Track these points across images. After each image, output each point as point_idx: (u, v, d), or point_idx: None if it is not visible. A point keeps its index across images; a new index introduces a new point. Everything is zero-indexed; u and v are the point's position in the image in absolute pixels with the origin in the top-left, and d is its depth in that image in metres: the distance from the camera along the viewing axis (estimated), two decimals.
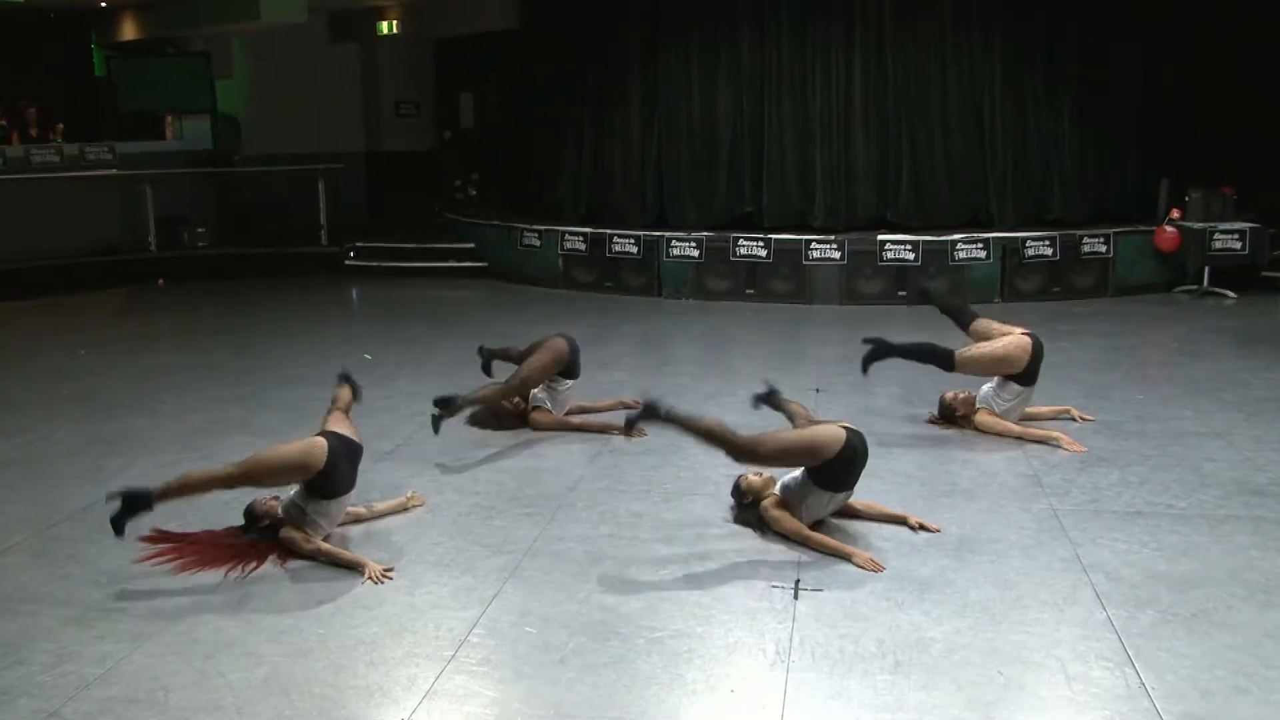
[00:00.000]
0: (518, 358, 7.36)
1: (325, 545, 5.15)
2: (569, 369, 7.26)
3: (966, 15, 12.35)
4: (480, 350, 7.72)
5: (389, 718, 3.83)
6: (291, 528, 5.14)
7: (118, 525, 4.97)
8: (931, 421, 7.24)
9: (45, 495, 6.11)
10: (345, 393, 5.94)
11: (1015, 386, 6.92)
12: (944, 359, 6.87)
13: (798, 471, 5.33)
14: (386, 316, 12.06)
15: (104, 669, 4.16)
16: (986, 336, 6.95)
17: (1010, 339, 6.86)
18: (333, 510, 5.26)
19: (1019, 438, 6.81)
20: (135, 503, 4.99)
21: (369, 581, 4.91)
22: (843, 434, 5.26)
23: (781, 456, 5.26)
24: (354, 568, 5.02)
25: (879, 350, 6.98)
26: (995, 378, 7.00)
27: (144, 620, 4.56)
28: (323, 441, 5.21)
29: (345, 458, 5.27)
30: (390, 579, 4.94)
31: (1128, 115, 12.66)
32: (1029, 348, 6.82)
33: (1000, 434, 6.87)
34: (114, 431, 7.33)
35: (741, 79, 12.79)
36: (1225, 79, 12.54)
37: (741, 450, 5.17)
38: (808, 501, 5.30)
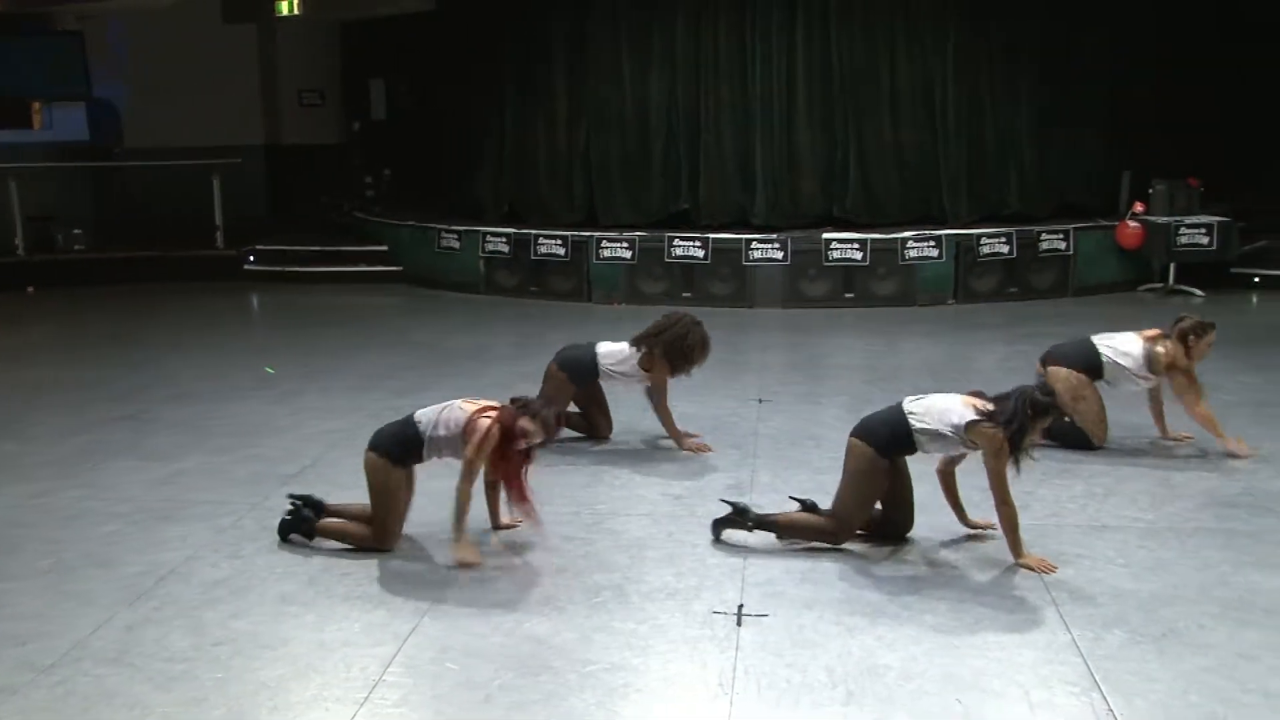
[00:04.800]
0: None
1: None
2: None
3: None
4: None
5: None
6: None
7: (284, 531, 5.67)
8: None
9: None
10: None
11: None
12: None
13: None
14: (291, 326, 11.92)
15: None
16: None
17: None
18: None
19: None
20: (302, 524, 5.63)
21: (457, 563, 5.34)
22: (864, 446, 5.42)
23: (863, 507, 5.46)
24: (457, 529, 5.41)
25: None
26: None
27: (10, 671, 4.41)
28: (372, 457, 5.53)
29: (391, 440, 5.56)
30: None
31: (1090, 100, 12.87)
32: None
33: None
34: None
35: (676, 64, 12.83)
36: (1194, 61, 12.81)
37: (839, 534, 5.47)
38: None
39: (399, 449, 5.49)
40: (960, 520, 5.66)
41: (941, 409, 5.34)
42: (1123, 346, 6.95)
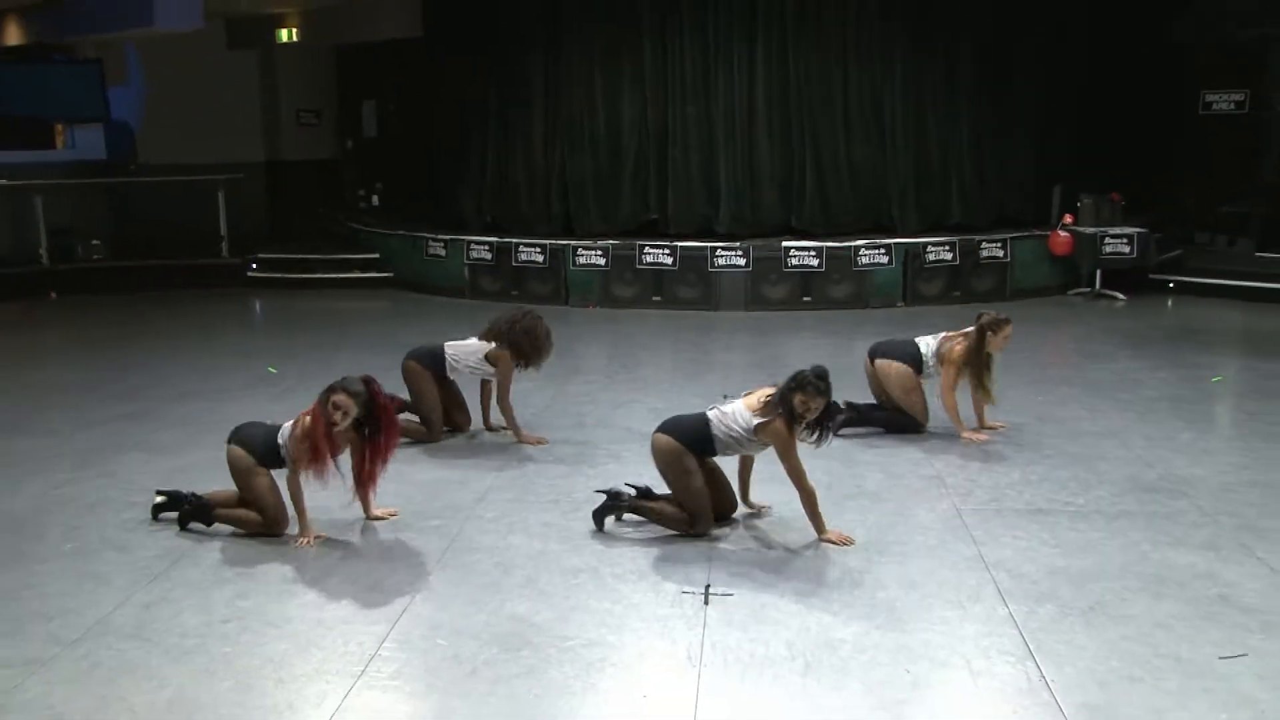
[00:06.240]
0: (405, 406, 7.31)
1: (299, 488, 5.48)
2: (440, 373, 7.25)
3: (869, 21, 12.55)
4: None
5: None
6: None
7: (183, 521, 5.67)
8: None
9: None
10: None
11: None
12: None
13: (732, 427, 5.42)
14: (290, 329, 11.86)
15: None
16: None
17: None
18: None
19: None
20: (198, 513, 5.66)
21: (298, 544, 5.41)
22: (670, 441, 5.47)
23: (698, 493, 5.46)
24: (299, 519, 5.48)
25: None
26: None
27: (39, 645, 4.42)
28: (235, 451, 5.64)
29: (259, 442, 5.62)
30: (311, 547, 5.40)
31: (1023, 123, 13.03)
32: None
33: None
34: (0, 452, 7.08)
35: (644, 86, 12.84)
36: (1114, 89, 13.07)
37: (696, 523, 5.46)
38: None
39: (265, 452, 5.56)
40: (742, 497, 5.77)
41: (734, 415, 5.42)
42: (930, 346, 7.12)
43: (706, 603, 4.75)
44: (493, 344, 7.04)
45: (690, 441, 5.45)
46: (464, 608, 4.73)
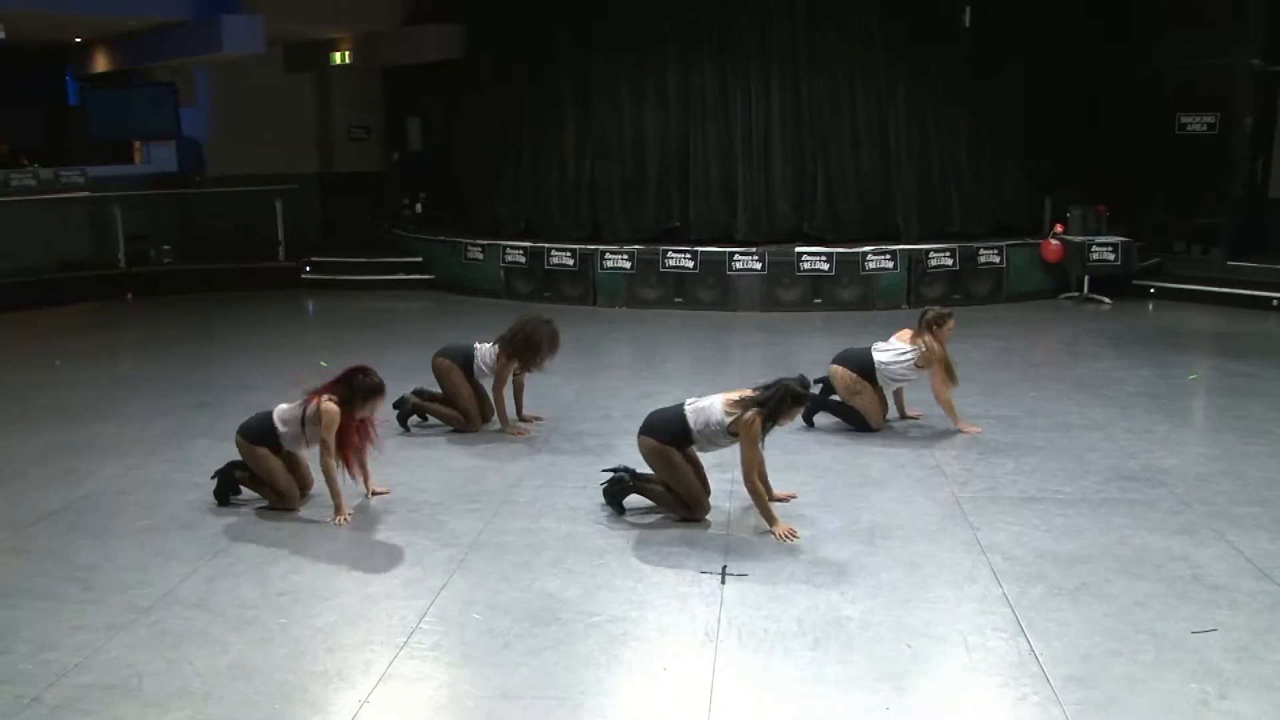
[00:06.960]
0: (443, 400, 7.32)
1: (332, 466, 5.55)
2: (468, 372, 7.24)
3: (874, 49, 12.48)
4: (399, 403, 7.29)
5: (347, 701, 3.80)
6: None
7: (222, 498, 5.78)
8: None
9: (22, 497, 5.97)
10: None
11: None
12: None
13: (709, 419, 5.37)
14: (340, 326, 11.90)
15: (82, 657, 4.09)
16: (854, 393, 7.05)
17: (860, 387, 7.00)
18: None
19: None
20: (228, 481, 5.79)
21: (336, 522, 5.46)
22: (651, 440, 5.46)
23: (690, 482, 5.46)
24: (335, 499, 5.54)
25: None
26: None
27: (118, 612, 4.48)
28: (238, 439, 5.78)
29: (256, 427, 5.74)
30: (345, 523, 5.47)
31: (1017, 140, 12.94)
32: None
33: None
34: (84, 438, 7.15)
35: (668, 104, 12.80)
36: (1099, 110, 13.03)
37: (694, 510, 5.45)
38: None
39: (257, 433, 5.68)
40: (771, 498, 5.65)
41: (707, 410, 5.37)
42: (893, 354, 6.94)
43: (723, 582, 4.75)
44: (497, 347, 7.09)
45: (671, 437, 5.42)
46: (498, 585, 4.75)
